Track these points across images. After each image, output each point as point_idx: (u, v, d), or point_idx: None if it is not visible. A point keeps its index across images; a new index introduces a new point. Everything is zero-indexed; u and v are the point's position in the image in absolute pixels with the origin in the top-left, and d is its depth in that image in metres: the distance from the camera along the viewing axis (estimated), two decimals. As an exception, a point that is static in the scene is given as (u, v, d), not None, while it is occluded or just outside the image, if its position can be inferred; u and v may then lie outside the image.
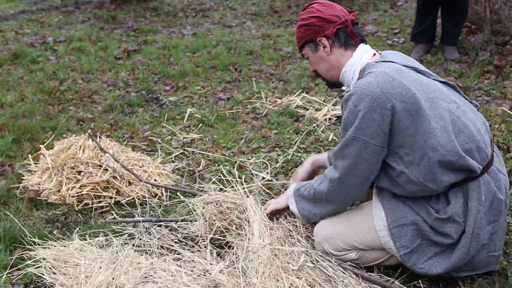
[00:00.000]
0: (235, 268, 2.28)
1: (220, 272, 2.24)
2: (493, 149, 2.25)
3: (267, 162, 3.32)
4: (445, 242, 2.17)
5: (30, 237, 2.57)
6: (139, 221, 2.70)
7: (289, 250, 2.32)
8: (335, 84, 2.44)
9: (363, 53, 2.31)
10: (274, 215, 2.56)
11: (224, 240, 2.50)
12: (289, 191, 2.50)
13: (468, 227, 2.13)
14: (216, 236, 2.51)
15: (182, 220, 2.69)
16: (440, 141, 2.08)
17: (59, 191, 2.97)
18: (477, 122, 2.22)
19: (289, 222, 2.53)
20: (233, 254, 2.39)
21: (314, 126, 3.84)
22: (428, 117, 2.09)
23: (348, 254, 2.32)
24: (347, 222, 2.32)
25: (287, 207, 2.51)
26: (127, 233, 2.63)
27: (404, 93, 2.08)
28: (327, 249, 2.33)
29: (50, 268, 2.36)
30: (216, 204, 2.59)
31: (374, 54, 2.32)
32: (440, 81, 2.27)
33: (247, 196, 2.66)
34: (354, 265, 2.32)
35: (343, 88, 2.41)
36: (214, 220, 2.54)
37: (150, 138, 3.72)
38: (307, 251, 2.33)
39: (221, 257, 2.42)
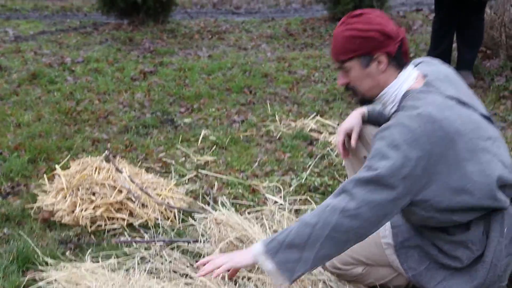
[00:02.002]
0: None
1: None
2: None
3: (280, 186, 3.32)
4: (453, 265, 2.13)
5: (42, 258, 2.58)
6: (154, 241, 2.70)
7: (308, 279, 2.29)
8: (368, 101, 2.20)
9: (408, 77, 2.12)
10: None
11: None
12: (255, 248, 2.08)
13: (487, 258, 2.08)
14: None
15: (194, 241, 2.68)
16: (475, 186, 2.00)
17: (73, 211, 2.98)
18: (508, 156, 2.13)
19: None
20: (242, 279, 2.38)
21: (328, 150, 3.83)
22: (464, 163, 1.98)
23: (355, 268, 2.29)
24: None
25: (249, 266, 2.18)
26: (139, 256, 2.63)
27: (444, 136, 1.96)
28: (334, 262, 2.30)
29: (61, 290, 2.37)
30: (224, 227, 2.59)
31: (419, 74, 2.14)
32: (480, 114, 2.14)
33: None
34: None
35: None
36: (225, 244, 2.53)
37: (164, 160, 3.73)
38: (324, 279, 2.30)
39: (235, 283, 2.41)
